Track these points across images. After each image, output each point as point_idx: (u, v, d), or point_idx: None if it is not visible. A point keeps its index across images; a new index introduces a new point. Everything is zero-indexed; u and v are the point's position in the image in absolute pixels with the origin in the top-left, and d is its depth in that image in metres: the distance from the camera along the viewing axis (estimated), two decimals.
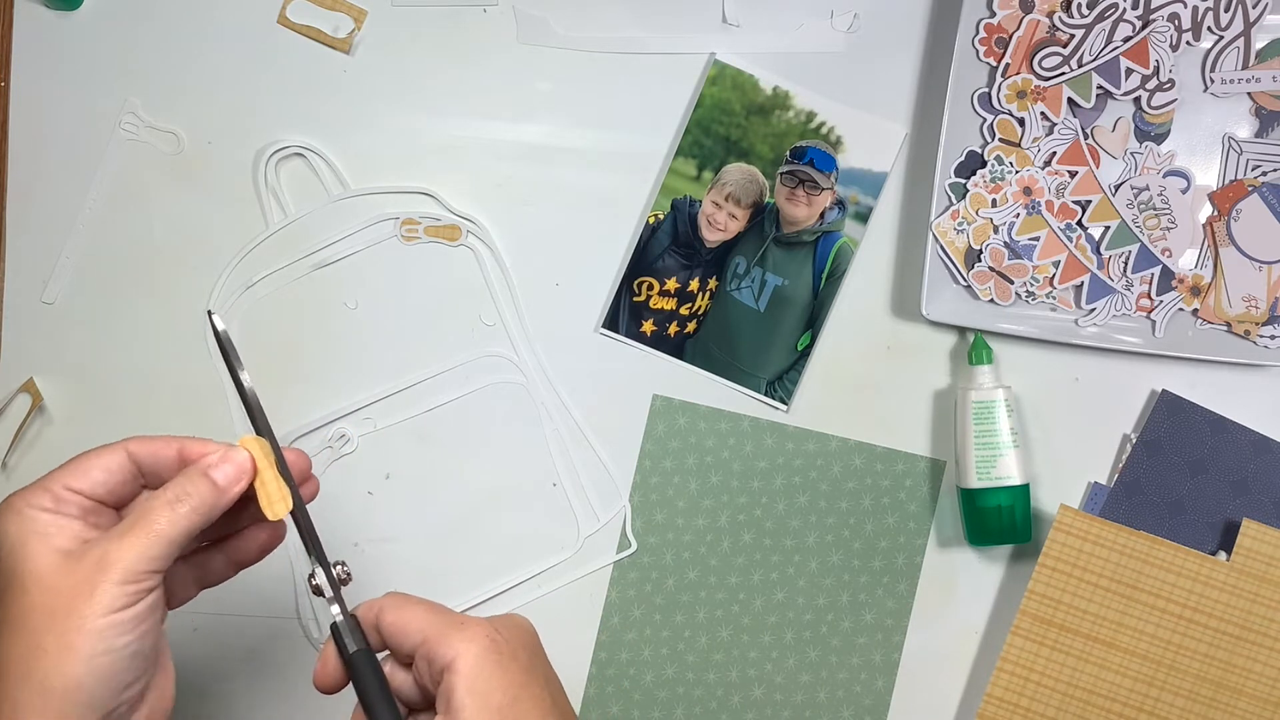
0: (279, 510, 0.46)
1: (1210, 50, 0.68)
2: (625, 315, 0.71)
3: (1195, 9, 0.67)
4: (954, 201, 0.69)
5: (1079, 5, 0.67)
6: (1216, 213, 0.69)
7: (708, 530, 0.71)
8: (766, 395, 0.71)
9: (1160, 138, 0.69)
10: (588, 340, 0.71)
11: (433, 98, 0.71)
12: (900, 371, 0.71)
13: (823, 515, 0.71)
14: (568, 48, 0.71)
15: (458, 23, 0.71)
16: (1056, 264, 0.68)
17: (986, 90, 0.68)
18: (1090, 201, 0.68)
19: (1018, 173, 0.68)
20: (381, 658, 0.46)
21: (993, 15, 0.68)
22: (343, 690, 0.46)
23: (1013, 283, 0.69)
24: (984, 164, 0.68)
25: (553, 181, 0.71)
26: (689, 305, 0.71)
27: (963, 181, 0.69)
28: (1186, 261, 0.69)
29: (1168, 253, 0.68)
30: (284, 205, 0.71)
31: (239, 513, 0.47)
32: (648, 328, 0.71)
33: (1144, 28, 0.67)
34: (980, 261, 0.69)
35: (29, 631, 0.41)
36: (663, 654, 0.71)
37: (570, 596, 0.71)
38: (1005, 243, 0.69)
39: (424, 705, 0.47)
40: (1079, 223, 0.69)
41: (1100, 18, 0.67)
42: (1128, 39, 0.67)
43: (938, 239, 0.68)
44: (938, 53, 0.70)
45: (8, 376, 0.70)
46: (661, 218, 0.71)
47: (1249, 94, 0.69)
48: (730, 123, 0.70)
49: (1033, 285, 0.69)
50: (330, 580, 0.46)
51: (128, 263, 0.71)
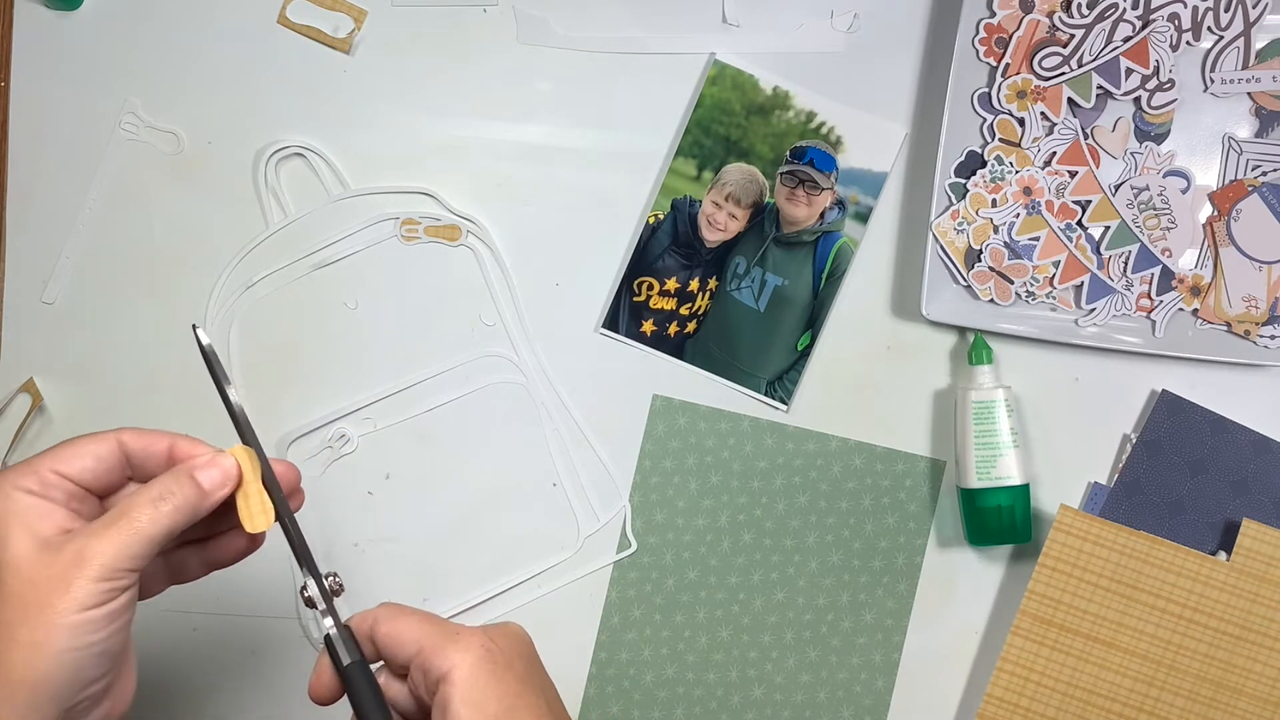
0: (258, 524, 0.46)
1: (1210, 50, 0.68)
2: (625, 315, 0.71)
3: (1195, 9, 0.67)
4: (954, 201, 0.69)
5: (1079, 5, 0.67)
6: (1216, 213, 0.69)
7: (708, 530, 0.71)
8: (766, 395, 0.71)
9: (1160, 138, 0.69)
10: (588, 340, 0.71)
11: (433, 98, 0.71)
12: (900, 371, 0.71)
13: (823, 515, 0.71)
14: (568, 48, 0.71)
15: (458, 23, 0.71)
16: (1056, 264, 0.68)
17: (986, 90, 0.68)
18: (1090, 201, 0.68)
19: (1018, 173, 0.68)
20: (376, 669, 0.46)
21: (993, 15, 0.68)
22: (338, 701, 0.46)
23: (1013, 283, 0.69)
24: (984, 164, 0.68)
25: (553, 181, 0.71)
26: (689, 305, 0.71)
27: (963, 181, 0.69)
28: (1186, 261, 0.69)
29: (1168, 253, 0.68)
30: (284, 205, 0.71)
31: (221, 516, 0.47)
32: (648, 328, 0.71)
33: (1144, 28, 0.67)
34: (980, 261, 0.69)
35: (1, 622, 0.40)
36: (663, 654, 0.71)
37: (570, 596, 0.71)
38: (1005, 243, 0.68)
39: (419, 716, 0.46)
40: (1079, 223, 0.69)
41: (1100, 18, 0.67)
42: (1128, 39, 0.67)
43: (938, 239, 0.68)
44: (938, 53, 0.70)
45: (8, 376, 0.70)
46: (661, 218, 0.71)
47: (1249, 94, 0.69)
48: (730, 123, 0.70)
49: (1033, 285, 0.69)
50: (322, 591, 0.46)
51: (128, 263, 0.71)
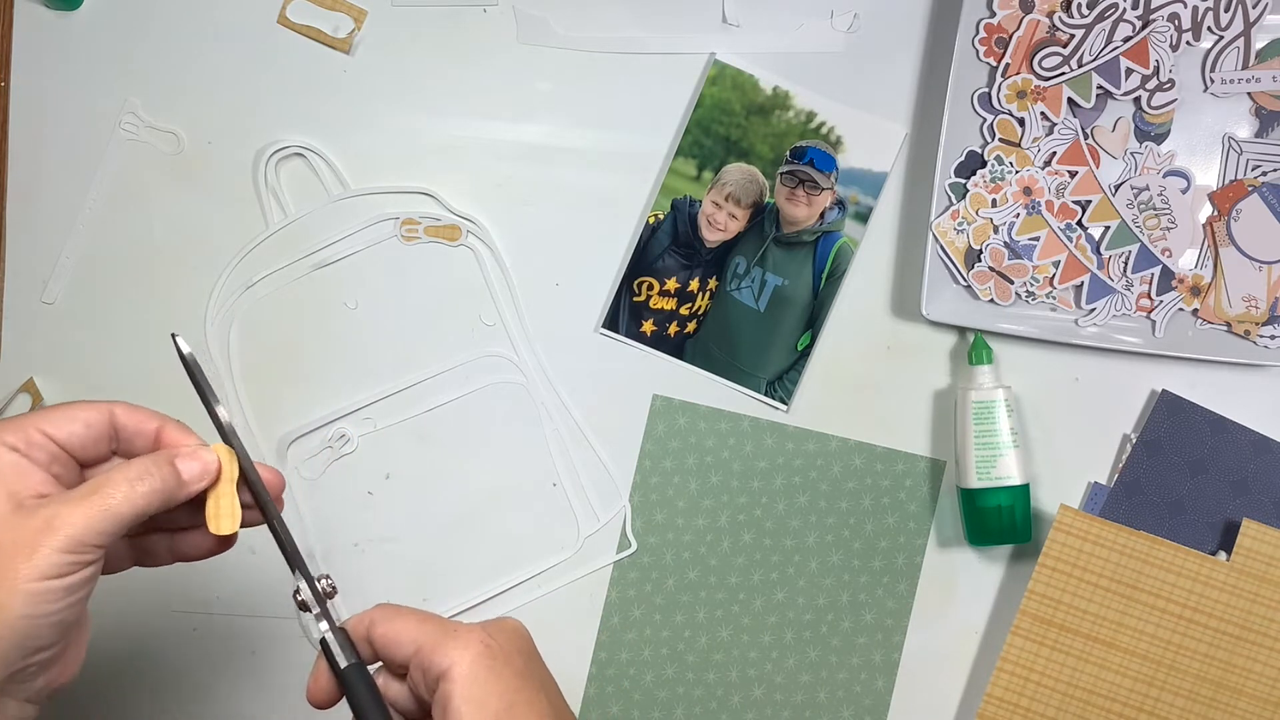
0: (224, 527, 0.46)
1: (1210, 50, 0.68)
2: (625, 315, 0.71)
3: (1195, 9, 0.67)
4: (954, 201, 0.69)
5: (1079, 5, 0.67)
6: (1216, 213, 0.69)
7: (708, 530, 0.71)
8: (766, 395, 0.71)
9: (1160, 138, 0.69)
10: (588, 340, 0.71)
11: (433, 98, 0.71)
12: (900, 371, 0.71)
13: (823, 515, 0.71)
14: (568, 48, 0.71)
15: (458, 23, 0.71)
16: (1056, 264, 0.68)
17: (986, 90, 0.68)
18: (1090, 201, 0.68)
19: (1018, 173, 0.68)
20: (375, 670, 0.46)
21: (993, 15, 0.67)
22: (338, 704, 0.46)
23: (1013, 283, 0.69)
24: (984, 164, 0.68)
25: (553, 181, 0.71)
26: (689, 305, 0.71)
27: (963, 181, 0.68)
28: (1186, 261, 0.69)
29: (1168, 253, 0.68)
30: (284, 205, 0.71)
31: (195, 510, 0.47)
32: (648, 328, 0.71)
33: (1144, 28, 0.67)
34: (980, 261, 0.69)
35: None
36: (663, 654, 0.71)
37: (570, 596, 0.71)
38: (1005, 243, 0.68)
39: (420, 715, 0.46)
40: (1079, 223, 0.69)
41: (1100, 18, 0.67)
42: (1128, 39, 0.67)
43: (938, 239, 0.68)
44: (938, 53, 0.70)
45: (8, 376, 0.70)
46: (661, 218, 0.71)
47: (1249, 94, 0.69)
48: (730, 123, 0.70)
49: (1033, 285, 0.69)
50: (315, 594, 0.46)
51: (128, 263, 0.71)
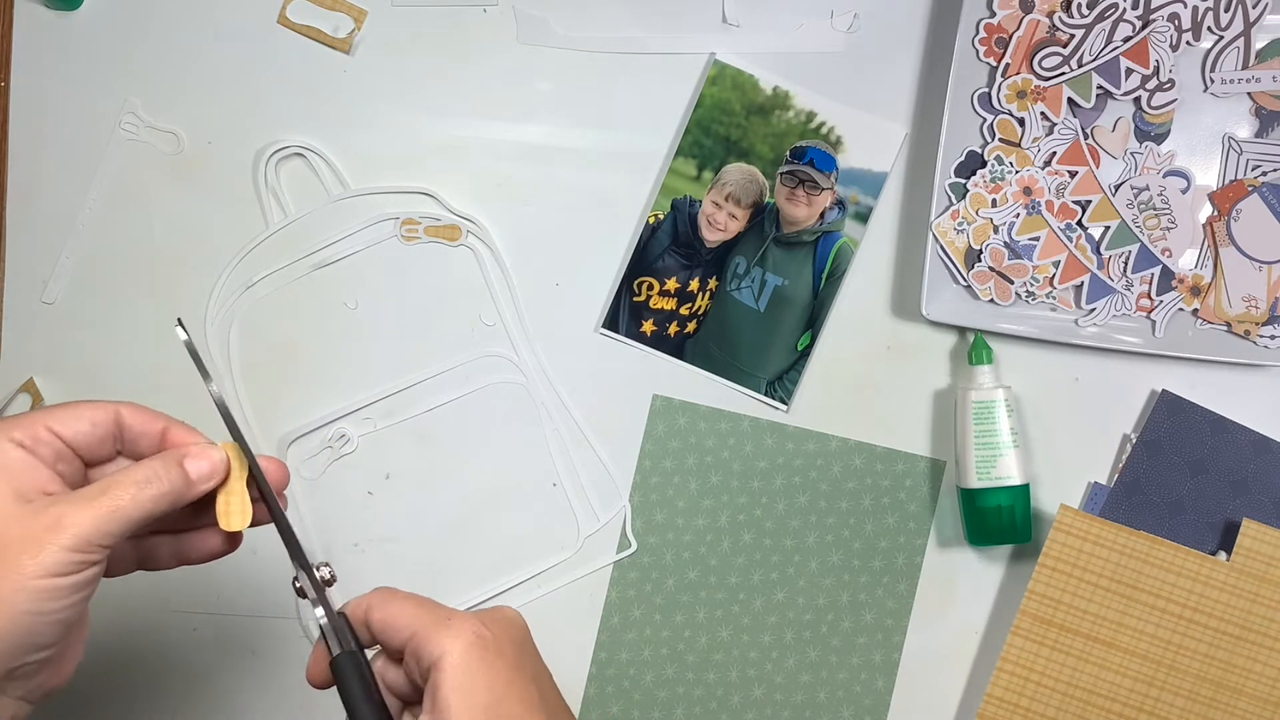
0: (235, 523, 0.46)
1: (1210, 50, 0.68)
2: (625, 315, 0.71)
3: (1195, 9, 0.67)
4: (954, 201, 0.69)
5: (1079, 5, 0.67)
6: (1216, 213, 0.69)
7: (708, 530, 0.71)
8: (766, 395, 0.71)
9: (1160, 138, 0.69)
10: (588, 340, 0.71)
11: (433, 98, 0.71)
12: (900, 371, 0.71)
13: (823, 515, 0.71)
14: (568, 48, 0.71)
15: (458, 23, 0.71)
16: (1056, 264, 0.68)
17: (986, 90, 0.68)
18: (1090, 201, 0.68)
19: (1018, 173, 0.68)
20: (373, 654, 0.46)
21: (993, 15, 0.67)
22: (335, 686, 0.46)
23: (1013, 283, 0.69)
24: (984, 164, 0.68)
25: (553, 181, 0.71)
26: (689, 305, 0.71)
27: (963, 181, 0.68)
28: (1186, 261, 0.69)
29: (1168, 253, 0.68)
30: (284, 205, 0.71)
31: (200, 511, 0.47)
32: (648, 328, 0.71)
33: (1144, 28, 0.67)
34: (980, 261, 0.69)
35: None
36: (663, 654, 0.71)
37: (570, 596, 0.71)
38: (1005, 243, 0.68)
39: (418, 699, 0.46)
40: (1079, 223, 0.69)
41: (1100, 18, 0.67)
42: (1128, 39, 0.67)
43: (938, 239, 0.68)
44: (938, 53, 0.70)
45: (8, 376, 0.70)
46: (661, 218, 0.71)
47: (1249, 94, 0.69)
48: (730, 123, 0.70)
49: (1033, 285, 0.69)
50: (314, 583, 0.46)
51: (128, 263, 0.71)
